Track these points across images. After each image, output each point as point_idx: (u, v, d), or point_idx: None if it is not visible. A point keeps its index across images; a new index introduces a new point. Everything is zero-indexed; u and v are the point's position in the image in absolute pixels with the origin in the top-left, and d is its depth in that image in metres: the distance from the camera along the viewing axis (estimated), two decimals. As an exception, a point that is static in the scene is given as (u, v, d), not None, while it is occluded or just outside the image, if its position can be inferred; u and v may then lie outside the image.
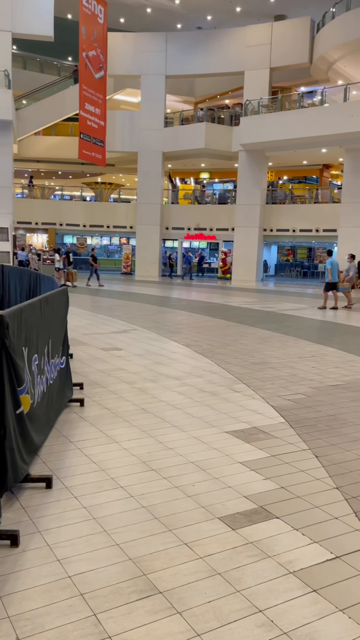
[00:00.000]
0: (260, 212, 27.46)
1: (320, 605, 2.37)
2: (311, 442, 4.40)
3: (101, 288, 20.08)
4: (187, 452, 4.11)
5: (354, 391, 6.10)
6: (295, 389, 6.13)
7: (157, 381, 6.32)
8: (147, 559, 2.69)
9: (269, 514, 3.18)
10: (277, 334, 10.24)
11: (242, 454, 4.08)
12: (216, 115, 28.61)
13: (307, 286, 25.72)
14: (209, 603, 2.36)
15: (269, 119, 25.07)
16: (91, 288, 19.82)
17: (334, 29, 23.66)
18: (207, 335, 9.89)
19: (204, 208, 30.67)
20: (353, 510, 3.25)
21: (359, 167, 24.58)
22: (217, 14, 27.38)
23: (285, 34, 25.97)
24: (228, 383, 6.31)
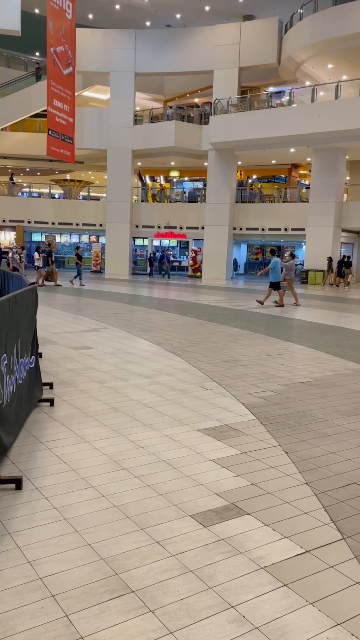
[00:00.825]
0: (230, 211, 27.65)
1: (291, 599, 2.40)
2: (281, 438, 4.45)
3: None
4: (158, 450, 4.11)
5: (322, 388, 6.20)
6: (265, 386, 6.19)
7: (128, 380, 6.30)
8: (119, 558, 2.68)
9: (240, 510, 3.21)
10: (247, 331, 10.33)
11: (213, 452, 4.11)
12: (185, 113, 28.68)
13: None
14: (182, 600, 2.37)
15: (238, 118, 25.25)
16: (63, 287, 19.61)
17: (302, 30, 23.97)
18: (178, 333, 9.91)
19: (174, 206, 30.70)
20: (322, 505, 3.30)
21: (326, 167, 24.99)
22: (186, 12, 27.42)
23: (254, 34, 26.19)
24: (199, 381, 6.34)
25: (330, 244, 25.08)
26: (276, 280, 15.28)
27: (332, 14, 22.58)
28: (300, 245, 29.40)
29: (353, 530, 3.01)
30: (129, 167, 29.07)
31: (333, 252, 25.21)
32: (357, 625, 2.25)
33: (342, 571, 2.63)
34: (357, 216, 25.25)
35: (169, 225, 29.96)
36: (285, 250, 32.11)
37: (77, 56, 26.80)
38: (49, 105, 24.98)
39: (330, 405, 5.48)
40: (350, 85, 24.28)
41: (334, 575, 2.60)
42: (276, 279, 15.27)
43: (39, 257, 19.82)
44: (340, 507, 3.28)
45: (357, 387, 6.27)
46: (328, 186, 24.96)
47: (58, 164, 31.95)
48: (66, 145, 26.42)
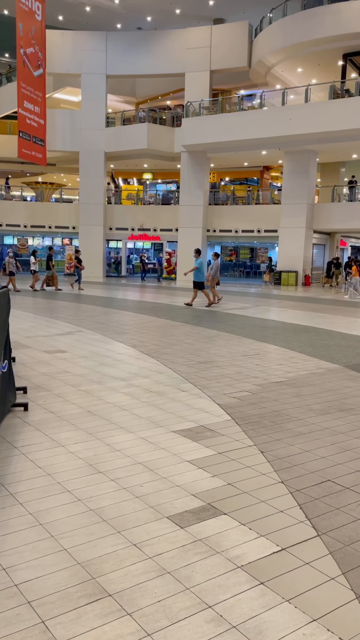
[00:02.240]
0: (204, 213, 27.77)
1: (268, 597, 2.42)
2: (256, 438, 4.49)
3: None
4: (134, 453, 4.10)
5: (296, 387, 6.27)
6: (241, 386, 6.23)
7: (103, 383, 6.26)
8: (96, 562, 2.67)
9: (217, 510, 3.22)
10: (222, 333, 10.38)
11: (190, 453, 4.12)
12: (158, 116, 28.71)
13: (250, 285, 26.21)
14: (159, 602, 2.37)
15: (210, 120, 25.39)
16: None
17: (271, 34, 24.25)
18: (153, 335, 9.90)
19: (147, 208, 30.68)
20: (297, 502, 3.34)
21: (297, 169, 25.30)
22: (157, 15, 27.47)
23: (225, 38, 26.39)
24: (175, 383, 6.34)
25: (302, 245, 25.39)
26: (200, 281, 15.32)
27: (301, 18, 22.90)
28: (273, 246, 29.69)
29: (328, 527, 3.05)
30: (101, 170, 28.96)
31: (305, 254, 25.51)
32: (332, 620, 2.28)
33: (317, 568, 2.66)
34: (327, 218, 25.62)
35: (143, 227, 29.93)
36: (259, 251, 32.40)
37: (48, 58, 26.60)
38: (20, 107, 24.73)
39: (304, 404, 5.55)
40: (320, 89, 24.65)
41: (310, 572, 2.63)
42: (200, 279, 15.32)
43: (35, 262, 19.63)
44: (315, 505, 3.32)
45: (330, 386, 6.36)
46: (299, 188, 25.26)
47: (30, 166, 31.63)
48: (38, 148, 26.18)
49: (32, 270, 19.63)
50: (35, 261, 19.60)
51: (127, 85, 32.00)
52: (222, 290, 22.27)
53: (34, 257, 19.71)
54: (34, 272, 19.56)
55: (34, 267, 19.62)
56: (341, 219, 25.41)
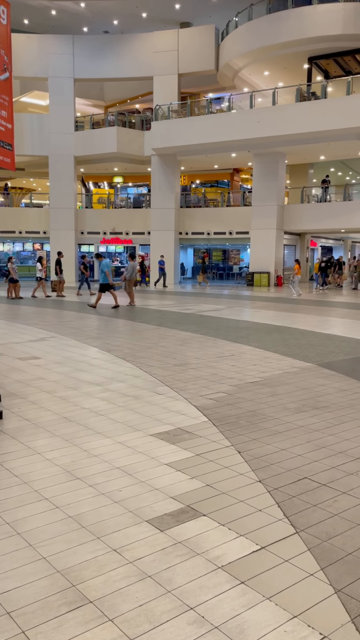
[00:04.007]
0: (175, 216, 27.83)
1: (249, 596, 2.44)
2: (233, 438, 4.51)
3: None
4: (112, 458, 4.08)
5: (271, 387, 6.33)
6: (217, 387, 6.26)
7: (79, 388, 6.22)
8: (76, 569, 2.65)
9: (196, 512, 3.23)
10: (196, 335, 10.42)
11: (168, 456, 4.12)
12: (127, 119, 28.68)
13: (223, 287, 26.36)
14: (141, 607, 2.36)
15: (179, 123, 25.48)
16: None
17: (238, 38, 24.48)
18: (128, 339, 9.87)
19: (119, 212, 30.59)
20: (275, 501, 3.37)
21: (267, 171, 25.57)
22: (123, 18, 27.46)
23: (192, 41, 26.53)
24: (151, 386, 6.34)
25: (273, 246, 25.65)
26: (105, 282, 15.45)
27: (266, 22, 23.18)
28: (245, 248, 29.93)
29: (306, 524, 3.09)
30: (71, 174, 28.76)
31: (276, 255, 25.78)
32: (312, 616, 2.31)
33: (296, 564, 2.69)
34: (297, 219, 25.95)
35: (114, 231, 29.83)
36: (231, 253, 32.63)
37: (14, 61, 26.26)
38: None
39: (279, 403, 5.61)
40: (287, 92, 24.99)
41: (289, 569, 2.66)
42: (105, 281, 15.45)
43: (42, 268, 19.39)
44: (293, 502, 3.36)
45: (304, 385, 6.44)
46: (269, 190, 25.54)
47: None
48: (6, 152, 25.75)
49: (38, 277, 19.33)
50: (41, 268, 19.38)
51: (96, 88, 31.88)
52: (196, 292, 22.34)
53: (40, 263, 19.46)
54: (40, 279, 19.28)
55: (39, 274, 19.35)
56: (311, 220, 25.77)
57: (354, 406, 5.50)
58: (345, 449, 4.26)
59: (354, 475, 3.76)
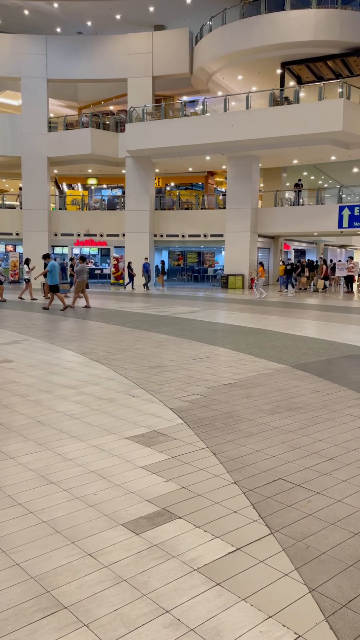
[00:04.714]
0: (150, 218, 27.81)
1: (224, 598, 2.45)
2: (209, 440, 4.52)
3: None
4: (87, 461, 4.05)
5: (246, 388, 6.37)
6: (192, 389, 6.27)
7: (53, 392, 6.15)
8: (50, 575, 2.61)
9: (172, 514, 3.23)
10: (172, 337, 10.42)
11: (143, 459, 4.10)
12: (101, 121, 28.57)
13: (198, 289, 26.44)
14: (116, 611, 2.35)
15: (153, 126, 25.50)
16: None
17: (211, 41, 24.63)
18: (103, 342, 9.82)
19: (93, 214, 30.43)
20: (250, 502, 3.39)
21: (241, 174, 25.76)
22: (97, 20, 27.36)
23: (166, 44, 26.59)
24: (126, 389, 6.31)
25: (247, 249, 25.84)
26: (54, 284, 15.55)
27: (240, 27, 23.38)
28: (220, 250, 30.08)
29: (280, 524, 3.11)
30: (44, 175, 28.50)
31: (250, 257, 25.98)
32: (287, 616, 2.33)
33: (271, 565, 2.71)
34: (271, 222, 26.20)
35: (89, 232, 29.65)
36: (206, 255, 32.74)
37: (-14, 61, 25.98)
38: None
39: (254, 404, 5.65)
40: (260, 96, 25.23)
41: (264, 570, 2.67)
42: (54, 282, 15.53)
43: (29, 270, 19.21)
44: (268, 503, 3.38)
45: (278, 386, 6.49)
46: (243, 193, 25.73)
47: (-31, 172, 30.73)
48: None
49: (26, 279, 19.15)
50: (29, 270, 19.24)
51: (69, 89, 31.67)
52: (171, 295, 22.36)
53: (27, 266, 19.33)
54: (28, 281, 19.10)
55: (27, 275, 19.20)
56: (284, 223, 26.05)
57: (327, 407, 5.58)
58: (319, 450, 4.31)
59: (328, 475, 3.81)
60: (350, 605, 2.40)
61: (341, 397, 5.98)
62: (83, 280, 16.37)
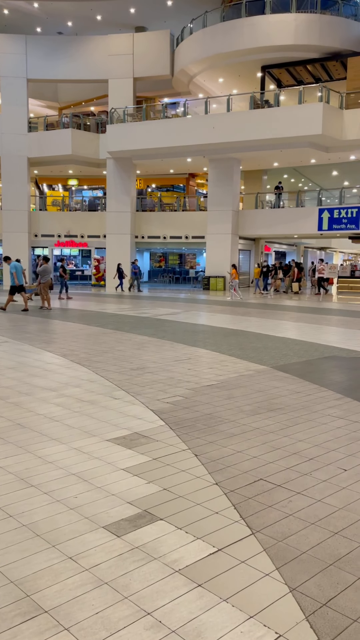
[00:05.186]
0: (131, 219, 27.76)
1: (206, 599, 2.45)
2: (190, 441, 4.53)
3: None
4: (67, 464, 4.02)
5: (227, 389, 6.39)
6: (173, 391, 6.27)
7: (33, 394, 6.10)
8: (30, 579, 2.59)
9: (153, 516, 3.22)
10: (153, 339, 10.41)
11: (124, 461, 4.09)
12: (82, 122, 28.43)
13: (179, 291, 26.46)
14: (97, 614, 2.34)
15: (134, 127, 25.46)
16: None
17: (192, 44, 24.69)
18: (84, 343, 9.76)
19: (74, 215, 30.27)
20: (232, 503, 3.40)
21: (222, 176, 25.86)
22: (77, 20, 27.23)
23: (147, 46, 26.58)
24: (107, 391, 6.28)
25: (229, 251, 25.94)
26: (19, 284, 15.67)
27: (221, 30, 23.49)
28: (201, 252, 30.15)
29: (261, 525, 3.13)
30: (24, 175, 28.26)
31: (232, 259, 26.09)
32: (268, 615, 2.34)
33: (252, 565, 2.73)
34: (252, 224, 26.34)
35: (69, 234, 29.48)
36: (187, 257, 32.79)
37: (-35, 60, 25.69)
38: None
39: (235, 405, 5.67)
40: (241, 99, 25.38)
41: (245, 570, 2.68)
42: (13, 283, 15.68)
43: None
44: (249, 504, 3.39)
45: (259, 387, 6.53)
46: (224, 195, 25.83)
47: None
48: None
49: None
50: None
51: (50, 90, 31.46)
52: (153, 297, 22.33)
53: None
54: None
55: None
56: (265, 225, 26.22)
57: (307, 407, 5.63)
58: (299, 450, 4.34)
59: (308, 475, 3.84)
60: (330, 604, 2.42)
61: (321, 398, 6.04)
62: (47, 281, 16.40)
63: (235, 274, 21.66)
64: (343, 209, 23.89)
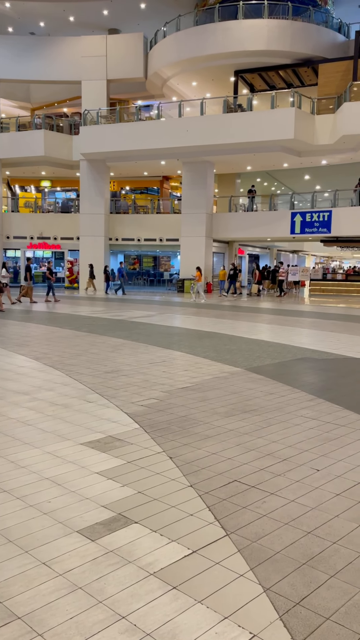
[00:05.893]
0: (105, 221, 27.65)
1: (181, 601, 2.45)
2: (165, 444, 4.53)
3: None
4: (41, 468, 3.98)
5: (202, 392, 6.41)
6: (148, 394, 6.26)
7: (4, 398, 6.02)
8: (3, 586, 2.55)
9: (128, 520, 3.21)
10: (128, 341, 10.37)
11: (99, 464, 4.07)
12: (55, 123, 28.22)
13: (154, 293, 26.44)
14: (71, 619, 2.32)
15: (108, 129, 25.39)
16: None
17: (166, 47, 24.77)
18: (57, 346, 9.67)
19: (47, 216, 30.00)
20: (206, 505, 3.42)
21: (196, 179, 25.97)
22: (50, 21, 27.03)
23: (120, 48, 26.57)
24: (81, 394, 6.24)
25: (203, 253, 26.05)
26: None
27: (194, 34, 23.62)
28: (176, 255, 30.20)
29: (236, 526, 3.15)
30: (-4, 177, 27.93)
31: (206, 262, 26.20)
32: (242, 616, 2.36)
33: (227, 566, 2.74)
34: (225, 227, 26.51)
35: (42, 235, 29.19)
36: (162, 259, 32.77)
37: None
38: None
39: (210, 407, 5.69)
40: (214, 102, 25.53)
41: (220, 572, 2.69)
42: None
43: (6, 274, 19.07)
44: (223, 505, 3.41)
45: (233, 389, 6.57)
46: (198, 198, 25.95)
47: None
48: None
49: (4, 283, 18.89)
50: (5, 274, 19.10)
51: (21, 90, 31.14)
52: (127, 299, 22.26)
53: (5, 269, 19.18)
54: (6, 285, 18.90)
55: (4, 280, 19.17)
56: (238, 228, 26.42)
57: (280, 409, 5.68)
58: (273, 451, 4.39)
59: (282, 476, 3.88)
60: (304, 602, 2.45)
61: (294, 399, 6.11)
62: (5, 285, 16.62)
63: (200, 276, 21.82)
64: (315, 213, 24.24)
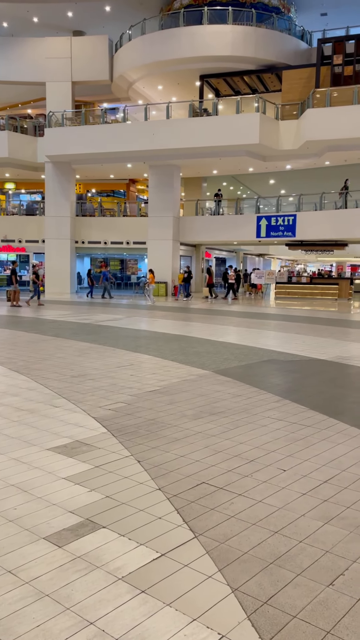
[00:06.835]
0: (71, 224, 27.41)
1: (149, 605, 2.44)
2: (133, 448, 4.51)
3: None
4: (6, 475, 3.91)
5: (170, 394, 6.42)
6: (116, 398, 6.23)
7: (-31, 404, 5.89)
8: (-33, 597, 2.50)
9: (96, 524, 3.19)
10: (95, 345, 10.30)
11: (65, 469, 4.02)
12: (19, 124, 27.83)
13: (121, 297, 26.32)
14: (38, 627, 2.28)
15: (73, 132, 25.21)
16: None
17: (131, 50, 24.77)
18: (22, 351, 9.53)
19: (11, 219, 29.53)
20: (175, 507, 3.42)
21: (162, 182, 26.02)
22: (13, 21, 26.67)
23: (85, 50, 26.43)
24: (47, 399, 6.16)
25: (170, 257, 26.10)
26: None
27: (159, 37, 23.69)
28: (143, 258, 30.15)
29: (204, 528, 3.16)
30: None
31: (173, 265, 26.24)
32: (211, 617, 2.37)
33: (195, 568, 2.75)
34: (192, 230, 26.63)
35: (6, 238, 28.72)
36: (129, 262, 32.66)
37: None
38: None
39: (178, 410, 5.70)
40: (180, 106, 25.66)
41: (188, 574, 2.70)
42: None
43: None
44: (192, 507, 3.42)
45: (201, 392, 6.60)
46: (165, 201, 25.99)
47: None
48: None
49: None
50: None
51: (-16, 90, 30.62)
52: (94, 302, 22.10)
53: None
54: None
55: None
56: (205, 232, 26.57)
57: (247, 410, 5.74)
58: (240, 452, 4.42)
59: (249, 477, 3.92)
60: (271, 601, 2.48)
61: (261, 401, 6.17)
62: None
63: (152, 278, 21.99)
64: (280, 217, 24.59)
